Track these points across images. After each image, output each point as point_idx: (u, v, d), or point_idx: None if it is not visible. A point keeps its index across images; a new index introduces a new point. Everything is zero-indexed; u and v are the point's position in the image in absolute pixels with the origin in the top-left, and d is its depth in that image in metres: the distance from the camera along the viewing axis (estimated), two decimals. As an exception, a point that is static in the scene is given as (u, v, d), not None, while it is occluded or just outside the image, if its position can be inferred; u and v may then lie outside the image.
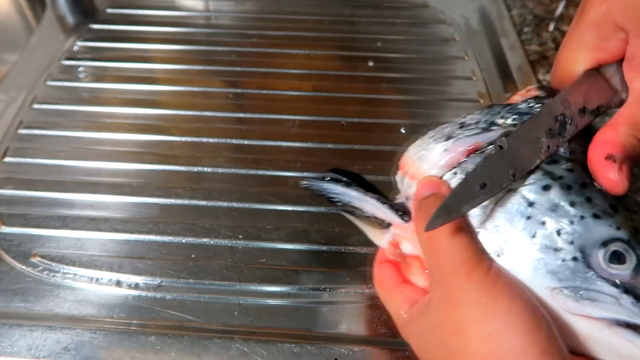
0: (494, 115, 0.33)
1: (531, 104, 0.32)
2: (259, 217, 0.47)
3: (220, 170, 0.51)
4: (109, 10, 0.71)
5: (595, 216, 0.28)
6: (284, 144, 0.54)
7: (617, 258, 0.27)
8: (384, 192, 0.36)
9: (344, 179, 0.37)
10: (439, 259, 0.29)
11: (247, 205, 0.48)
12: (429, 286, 0.30)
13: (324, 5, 0.73)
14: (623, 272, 0.27)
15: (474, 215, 0.30)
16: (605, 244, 0.27)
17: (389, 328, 0.40)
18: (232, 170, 0.51)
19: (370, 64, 0.63)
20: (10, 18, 0.80)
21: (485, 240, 0.29)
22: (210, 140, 0.54)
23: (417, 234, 0.31)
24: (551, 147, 0.30)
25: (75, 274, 0.43)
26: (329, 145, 0.54)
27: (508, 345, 0.25)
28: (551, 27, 0.69)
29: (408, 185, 0.34)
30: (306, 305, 0.42)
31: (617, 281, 0.27)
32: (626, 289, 0.26)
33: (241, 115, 0.58)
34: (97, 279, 0.43)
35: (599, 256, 0.27)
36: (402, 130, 0.55)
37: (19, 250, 0.44)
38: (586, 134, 0.30)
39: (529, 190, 0.29)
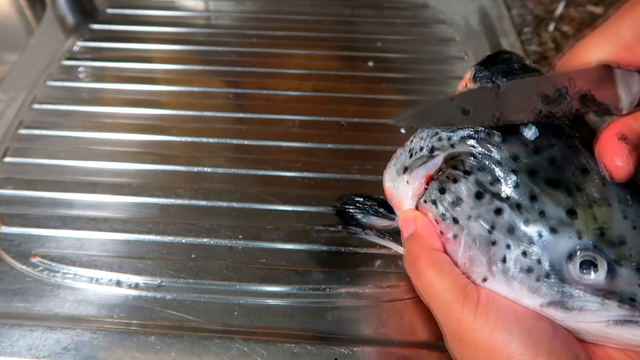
0: (433, 136, 0.32)
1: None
2: (259, 217, 0.47)
3: (220, 170, 0.51)
4: (109, 10, 0.71)
5: (553, 230, 0.27)
6: (284, 144, 0.54)
7: (587, 267, 0.26)
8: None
9: (349, 221, 0.39)
10: (432, 304, 0.29)
11: (247, 205, 0.48)
12: (436, 320, 0.31)
13: (324, 5, 0.73)
14: (597, 279, 0.26)
15: (452, 247, 0.30)
16: (571, 256, 0.27)
17: (389, 328, 0.40)
18: (232, 170, 0.51)
19: (370, 64, 0.63)
20: (10, 18, 0.79)
21: (469, 271, 0.29)
22: (210, 140, 0.54)
23: (410, 276, 0.31)
24: (542, 112, 0.28)
25: (75, 274, 0.43)
26: (329, 145, 0.54)
27: None
28: (551, 27, 0.69)
29: (397, 212, 0.35)
30: (306, 305, 0.42)
31: (597, 288, 0.26)
32: (607, 295, 0.26)
33: (241, 115, 0.58)
34: (97, 279, 0.43)
35: (570, 269, 0.27)
36: (402, 131, 0.55)
37: (19, 250, 0.44)
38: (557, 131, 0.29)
39: (485, 217, 0.29)
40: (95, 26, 0.69)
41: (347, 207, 0.39)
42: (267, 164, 0.52)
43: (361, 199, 0.39)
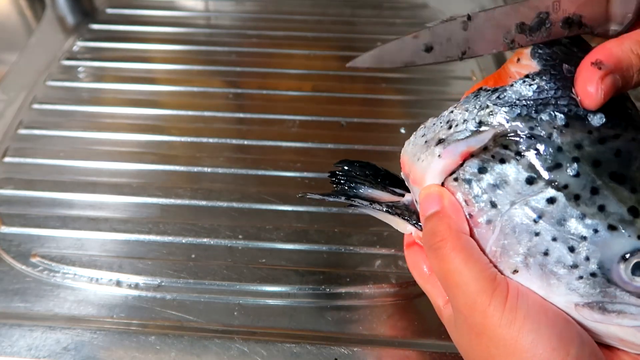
0: (482, 109, 0.29)
1: (522, 90, 0.28)
2: (259, 217, 0.47)
3: (220, 170, 0.51)
4: (109, 10, 0.71)
5: (611, 228, 0.25)
6: (284, 144, 0.54)
7: None
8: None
9: (347, 188, 0.35)
10: (454, 292, 0.27)
11: (247, 205, 0.48)
12: (453, 308, 0.29)
13: (324, 5, 0.73)
14: None
15: (482, 233, 0.28)
16: (626, 257, 0.25)
17: (389, 328, 0.40)
18: (232, 170, 0.51)
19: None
20: (10, 18, 0.79)
21: (498, 260, 0.27)
22: (210, 140, 0.54)
23: (430, 263, 0.29)
24: (514, 43, 0.27)
25: (75, 274, 0.43)
26: (329, 145, 0.54)
27: None
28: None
29: (412, 188, 0.32)
30: (306, 305, 0.42)
31: None
32: None
33: (241, 115, 0.58)
34: (97, 279, 0.43)
35: (621, 271, 0.25)
36: (402, 130, 0.55)
37: (19, 250, 0.44)
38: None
39: (533, 205, 0.26)
40: (95, 26, 0.69)
41: (340, 172, 0.35)
42: (267, 164, 0.52)
43: (358, 164, 0.36)
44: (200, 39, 0.68)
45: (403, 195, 0.34)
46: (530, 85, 0.28)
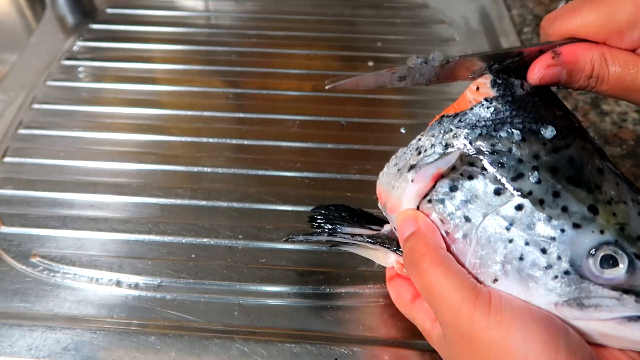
0: (447, 133, 0.32)
1: (481, 113, 0.31)
2: (259, 217, 0.47)
3: (220, 170, 0.51)
4: (109, 10, 0.71)
5: (576, 226, 0.27)
6: (284, 144, 0.54)
7: (608, 262, 0.26)
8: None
9: (327, 227, 0.37)
10: (438, 305, 0.28)
11: (247, 205, 0.48)
12: (440, 322, 0.30)
13: (324, 5, 0.73)
14: (618, 274, 0.26)
15: (460, 248, 0.29)
16: (592, 252, 0.27)
17: (389, 328, 0.40)
18: (232, 170, 0.51)
19: (370, 64, 0.63)
20: (10, 18, 0.80)
21: (479, 272, 0.29)
22: (210, 140, 0.54)
23: (412, 280, 0.31)
24: (477, 71, 0.32)
25: (75, 274, 0.43)
26: (329, 145, 0.54)
27: None
28: (551, 27, 0.69)
29: (390, 217, 0.34)
30: (306, 305, 0.42)
31: (615, 284, 0.26)
32: (625, 290, 0.26)
33: (241, 115, 0.58)
34: (97, 279, 0.43)
35: (590, 265, 0.27)
36: (402, 130, 0.55)
37: (19, 250, 0.44)
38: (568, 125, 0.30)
39: (503, 214, 0.28)
40: (95, 26, 0.69)
41: (318, 215, 0.38)
42: (267, 164, 0.52)
43: (333, 207, 0.39)
44: (200, 39, 0.68)
45: (379, 231, 0.37)
46: (487, 107, 0.31)
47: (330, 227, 0.37)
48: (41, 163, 0.52)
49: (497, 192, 0.29)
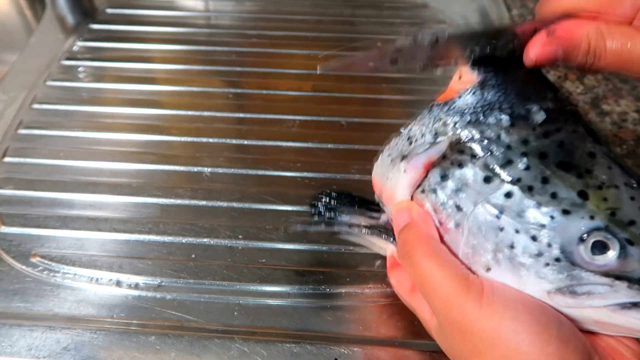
0: (436, 122, 0.31)
1: (468, 100, 0.31)
2: (259, 217, 0.47)
3: (220, 170, 0.51)
4: (109, 10, 0.71)
5: (565, 212, 0.27)
6: (284, 144, 0.54)
7: (599, 248, 0.26)
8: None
9: (327, 215, 0.37)
10: (431, 295, 0.28)
11: (247, 205, 0.48)
12: (434, 313, 0.30)
13: (324, 5, 0.73)
14: (609, 260, 0.26)
15: (452, 237, 0.29)
16: (583, 238, 0.26)
17: (389, 328, 0.40)
18: (232, 170, 0.51)
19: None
20: (10, 18, 0.80)
21: (471, 261, 0.29)
22: (210, 140, 0.54)
23: (406, 271, 0.31)
24: (474, 53, 0.31)
25: (75, 274, 0.43)
26: (329, 145, 0.54)
27: None
28: (551, 27, 0.69)
29: (386, 208, 0.34)
30: (306, 305, 0.42)
31: (607, 270, 0.26)
32: (617, 276, 0.26)
33: (241, 115, 0.58)
34: (97, 279, 0.43)
35: (581, 252, 0.26)
36: (402, 130, 0.55)
37: (19, 250, 0.44)
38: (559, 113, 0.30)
39: (493, 202, 0.28)
40: (95, 26, 0.69)
41: (319, 200, 0.38)
42: (267, 164, 0.52)
43: (336, 194, 0.39)
44: (200, 39, 0.68)
45: (379, 218, 0.37)
46: (474, 94, 0.31)
47: (330, 215, 0.37)
48: (41, 163, 0.52)
49: (487, 180, 0.28)
